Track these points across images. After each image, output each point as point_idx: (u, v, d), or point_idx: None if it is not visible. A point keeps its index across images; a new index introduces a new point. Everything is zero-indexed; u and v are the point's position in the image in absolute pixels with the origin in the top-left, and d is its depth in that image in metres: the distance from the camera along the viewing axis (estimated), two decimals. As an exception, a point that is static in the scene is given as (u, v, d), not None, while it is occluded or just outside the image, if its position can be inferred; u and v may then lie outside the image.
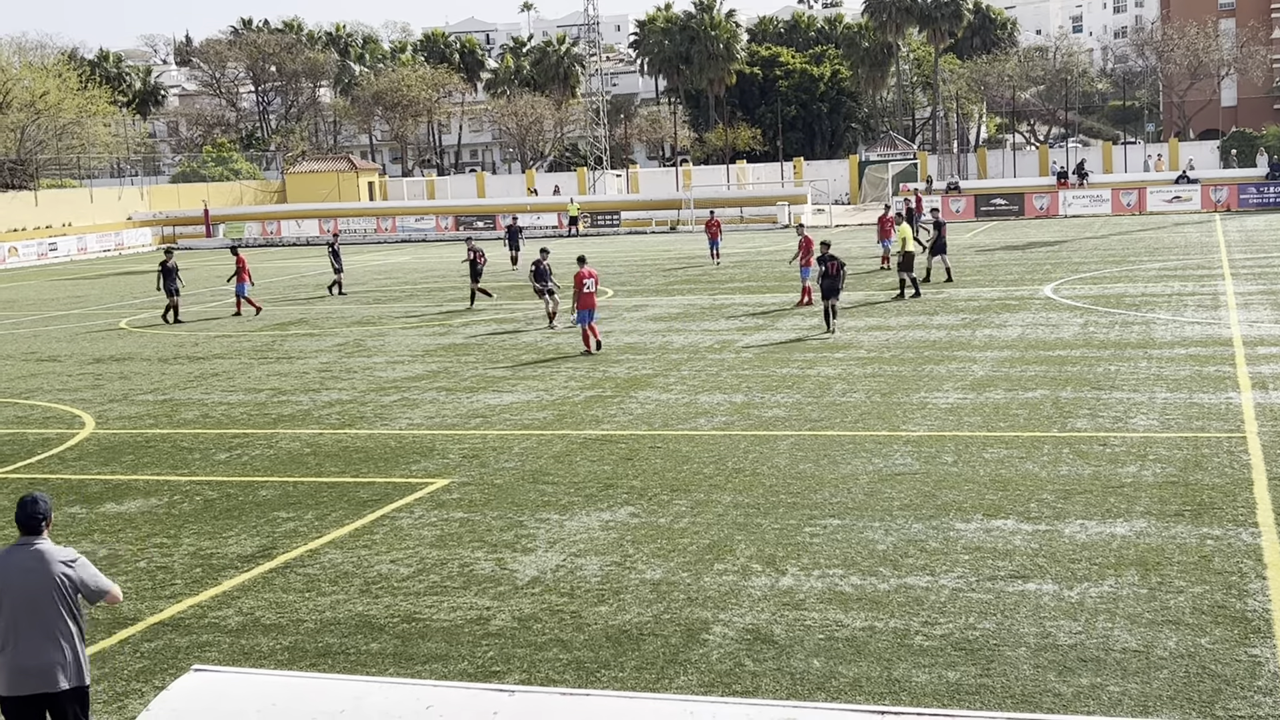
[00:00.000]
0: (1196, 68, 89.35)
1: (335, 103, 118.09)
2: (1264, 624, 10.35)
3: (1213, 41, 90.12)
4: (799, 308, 32.42)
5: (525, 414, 20.50)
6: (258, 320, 35.47)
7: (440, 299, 39.04)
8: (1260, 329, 25.44)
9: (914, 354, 24.44)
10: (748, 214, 71.30)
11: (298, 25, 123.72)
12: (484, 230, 75.49)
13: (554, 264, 32.23)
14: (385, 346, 29.17)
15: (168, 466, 18.06)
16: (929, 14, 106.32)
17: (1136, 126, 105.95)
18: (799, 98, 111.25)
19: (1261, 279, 33.91)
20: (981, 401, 19.69)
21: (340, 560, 13.29)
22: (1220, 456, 15.65)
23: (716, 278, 41.60)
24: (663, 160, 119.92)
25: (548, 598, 11.82)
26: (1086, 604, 10.97)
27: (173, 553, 13.87)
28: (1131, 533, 12.84)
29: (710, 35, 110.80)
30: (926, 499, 14.37)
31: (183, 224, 79.85)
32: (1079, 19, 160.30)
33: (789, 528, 13.58)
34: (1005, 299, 32.21)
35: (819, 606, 11.23)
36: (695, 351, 26.12)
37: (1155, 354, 23.08)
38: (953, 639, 10.37)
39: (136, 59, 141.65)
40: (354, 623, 11.46)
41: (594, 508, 14.75)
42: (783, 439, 17.80)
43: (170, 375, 26.40)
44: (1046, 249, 47.01)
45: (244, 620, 11.68)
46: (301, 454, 18.43)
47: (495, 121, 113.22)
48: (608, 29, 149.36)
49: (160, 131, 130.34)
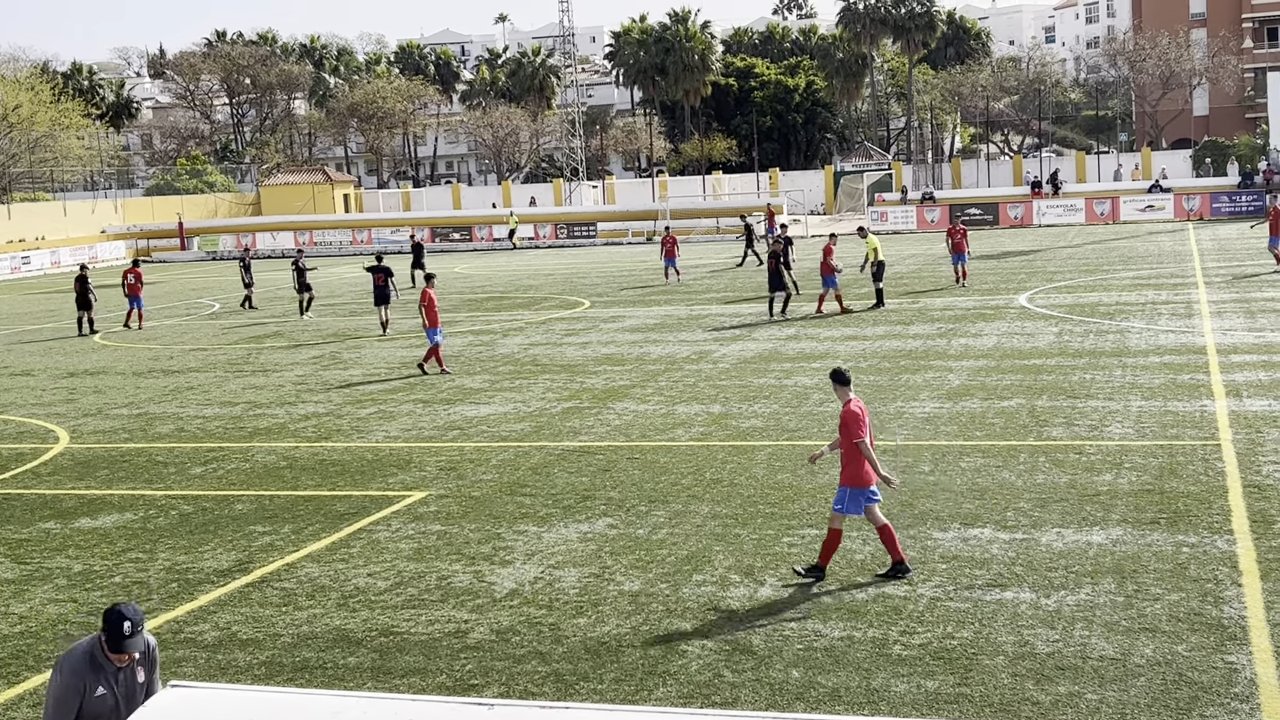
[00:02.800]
0: (1168, 77, 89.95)
1: (310, 115, 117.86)
2: (1240, 631, 10.40)
3: (1184, 51, 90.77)
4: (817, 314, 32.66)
5: (502, 426, 20.47)
6: (233, 334, 35.35)
7: (416, 310, 38.90)
8: (1234, 337, 25.60)
9: (890, 364, 24.51)
10: (724, 224, 71.43)
11: (272, 37, 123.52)
12: (459, 241, 75.48)
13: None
14: (361, 359, 29.10)
15: (142, 481, 17.96)
16: (903, 25, 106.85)
17: (1109, 136, 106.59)
18: (774, 108, 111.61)
19: (1234, 287, 34.14)
20: (958, 411, 19.75)
21: (317, 574, 13.24)
22: (1195, 464, 15.73)
23: (694, 289, 41.64)
24: (639, 171, 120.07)
25: (526, 610, 11.79)
26: (1064, 612, 11.00)
27: (148, 568, 13.79)
28: (1108, 541, 12.89)
29: (685, 46, 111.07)
30: (904, 508, 14.39)
31: (157, 237, 79.53)
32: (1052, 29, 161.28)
33: (767, 538, 13.59)
34: (981, 308, 32.34)
35: (797, 617, 11.24)
36: (672, 362, 26.14)
37: (1130, 362, 23.20)
38: (931, 648, 10.38)
39: (110, 72, 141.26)
40: (331, 637, 11.41)
41: (572, 519, 14.73)
42: (760, 449, 17.81)
43: (145, 389, 26.27)
44: (1021, 258, 47.22)
45: (220, 635, 11.61)
46: (278, 467, 18.36)
47: (471, 133, 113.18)
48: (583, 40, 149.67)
49: (134, 144, 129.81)
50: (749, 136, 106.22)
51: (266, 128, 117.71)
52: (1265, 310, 29.19)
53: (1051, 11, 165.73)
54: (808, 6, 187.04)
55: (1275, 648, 10.01)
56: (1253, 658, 9.86)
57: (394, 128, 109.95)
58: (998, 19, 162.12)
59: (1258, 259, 40.81)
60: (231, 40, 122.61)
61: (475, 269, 56.77)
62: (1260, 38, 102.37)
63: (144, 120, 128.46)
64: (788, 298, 33.17)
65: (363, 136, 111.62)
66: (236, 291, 43.24)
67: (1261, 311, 29.02)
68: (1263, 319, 27.83)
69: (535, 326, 33.57)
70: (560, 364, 26.71)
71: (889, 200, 74.68)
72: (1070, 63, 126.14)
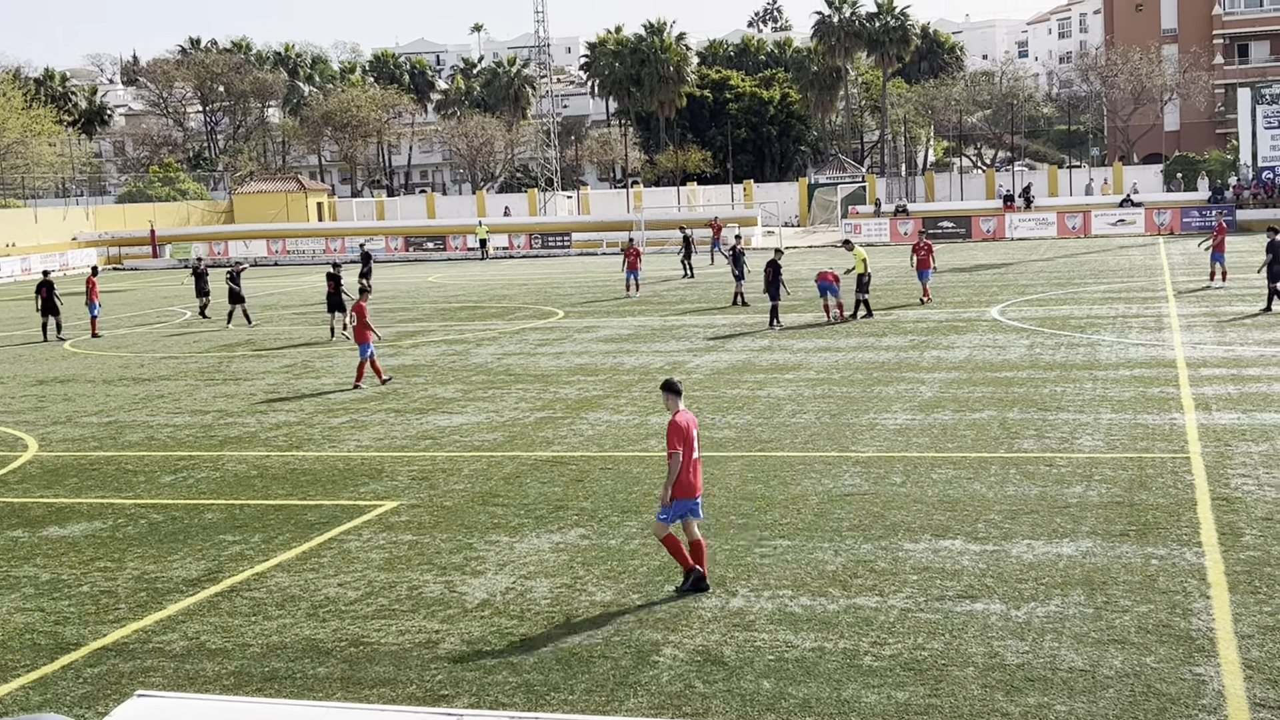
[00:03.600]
0: (1140, 93, 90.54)
1: (284, 123, 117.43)
2: (1208, 643, 10.46)
3: (1156, 67, 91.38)
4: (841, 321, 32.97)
5: (475, 435, 20.43)
6: (205, 341, 35.19)
7: (390, 319, 38.87)
8: (1203, 351, 25.78)
9: (863, 375, 24.57)
10: (698, 236, 71.40)
11: (246, 45, 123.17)
12: (433, 251, 75.35)
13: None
14: (334, 368, 28.99)
15: (112, 489, 17.85)
16: (877, 38, 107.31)
17: (1081, 150, 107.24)
18: (749, 120, 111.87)
19: (1204, 301, 34.37)
20: (930, 422, 19.81)
21: (287, 583, 13.17)
22: (1164, 477, 15.82)
23: (668, 300, 41.67)
24: (614, 182, 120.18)
25: (497, 620, 11.76)
26: (1033, 624, 11.05)
27: (117, 576, 13.70)
28: (1077, 552, 12.95)
29: (660, 58, 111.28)
30: (875, 519, 14.43)
31: (129, 244, 79.12)
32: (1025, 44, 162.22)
33: (739, 549, 13.60)
34: (953, 321, 32.47)
35: (769, 627, 11.25)
36: (646, 373, 26.14)
37: (1100, 375, 23.32)
38: (901, 659, 10.41)
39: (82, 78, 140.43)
40: (301, 646, 11.35)
41: (544, 529, 14.71)
42: (733, 460, 17.83)
43: (115, 397, 26.11)
44: (993, 271, 47.44)
45: (189, 645, 11.54)
46: (248, 476, 18.27)
47: (445, 142, 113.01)
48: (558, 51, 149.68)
49: (106, 151, 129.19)
50: (724, 148, 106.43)
51: (240, 135, 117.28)
52: (1234, 324, 29.40)
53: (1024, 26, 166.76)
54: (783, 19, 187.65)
55: (1243, 660, 10.07)
56: (1220, 669, 9.92)
57: (368, 136, 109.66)
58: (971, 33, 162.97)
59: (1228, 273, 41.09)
60: (206, 48, 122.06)
61: (449, 278, 56.67)
62: (1231, 54, 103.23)
63: (116, 127, 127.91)
64: (774, 309, 33.26)
65: (337, 145, 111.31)
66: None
67: (1230, 325, 29.23)
68: (1232, 333, 28.04)
69: (509, 336, 33.53)
70: (534, 374, 26.69)
71: (862, 213, 74.90)
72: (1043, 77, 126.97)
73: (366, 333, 25.62)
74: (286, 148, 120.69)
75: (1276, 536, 13.18)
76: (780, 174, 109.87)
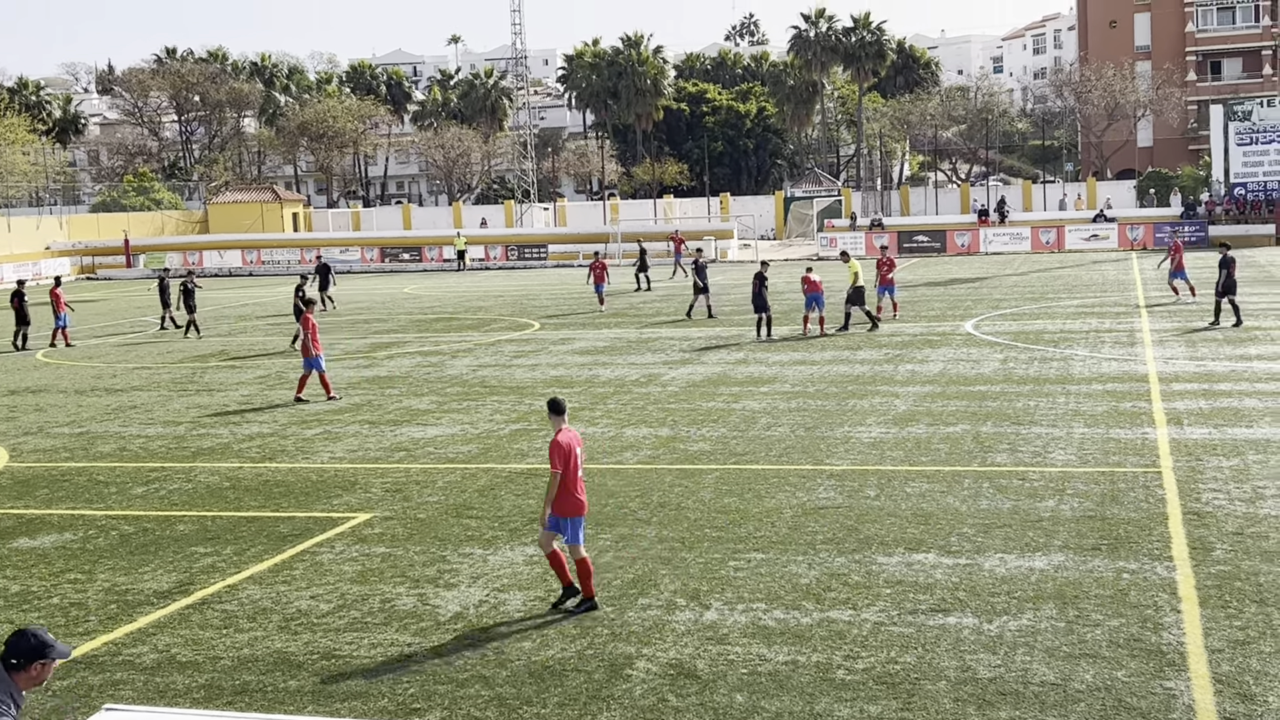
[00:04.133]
0: (1113, 109, 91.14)
1: (260, 133, 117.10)
2: (1178, 657, 10.50)
3: (1129, 83, 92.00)
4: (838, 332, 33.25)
5: (449, 447, 20.38)
6: (178, 352, 35.03)
7: (365, 330, 38.78)
8: (1175, 366, 25.93)
9: (838, 388, 24.63)
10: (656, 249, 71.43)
11: (222, 55, 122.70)
12: (409, 262, 75.21)
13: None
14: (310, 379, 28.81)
15: (83, 501, 17.74)
16: (853, 53, 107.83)
17: (1055, 166, 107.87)
18: (726, 134, 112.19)
19: (1176, 317, 34.59)
20: (904, 436, 19.86)
21: (259, 596, 13.11)
22: (1136, 491, 15.90)
23: (644, 312, 41.68)
24: (590, 194, 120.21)
25: (470, 633, 11.73)
26: (1006, 637, 11.08)
27: (87, 589, 13.60)
28: (1050, 566, 12.99)
29: (638, 71, 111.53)
30: (849, 533, 14.46)
31: (102, 254, 78.76)
32: (999, 60, 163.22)
33: (713, 562, 13.60)
34: (927, 335, 32.58)
35: (742, 641, 11.24)
36: (621, 385, 26.14)
37: (1073, 390, 23.44)
38: (874, 673, 10.42)
39: (57, 87, 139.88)
40: (272, 660, 11.29)
41: (518, 542, 14.68)
42: (708, 473, 17.84)
43: (87, 407, 25.96)
44: (967, 286, 47.65)
45: (159, 658, 11.47)
46: (220, 488, 18.18)
47: (422, 154, 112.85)
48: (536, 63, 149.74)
49: (80, 160, 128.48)
50: (700, 161, 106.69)
51: (215, 145, 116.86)
52: (1206, 339, 29.59)
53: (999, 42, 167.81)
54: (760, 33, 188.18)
55: (1213, 674, 10.12)
56: (1191, 684, 9.96)
57: (344, 147, 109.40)
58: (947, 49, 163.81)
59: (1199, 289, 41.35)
60: (181, 57, 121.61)
61: (425, 290, 56.59)
62: (1203, 71, 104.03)
63: (91, 136, 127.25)
64: (769, 320, 33.30)
65: (313, 155, 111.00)
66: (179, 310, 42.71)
67: (1202, 341, 29.42)
68: (1204, 348, 28.21)
69: (484, 348, 33.48)
70: (509, 386, 26.65)
71: (838, 226, 75.17)
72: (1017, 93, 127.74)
73: (315, 346, 25.49)
74: (262, 158, 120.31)
75: (1247, 551, 13.26)
76: (757, 187, 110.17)
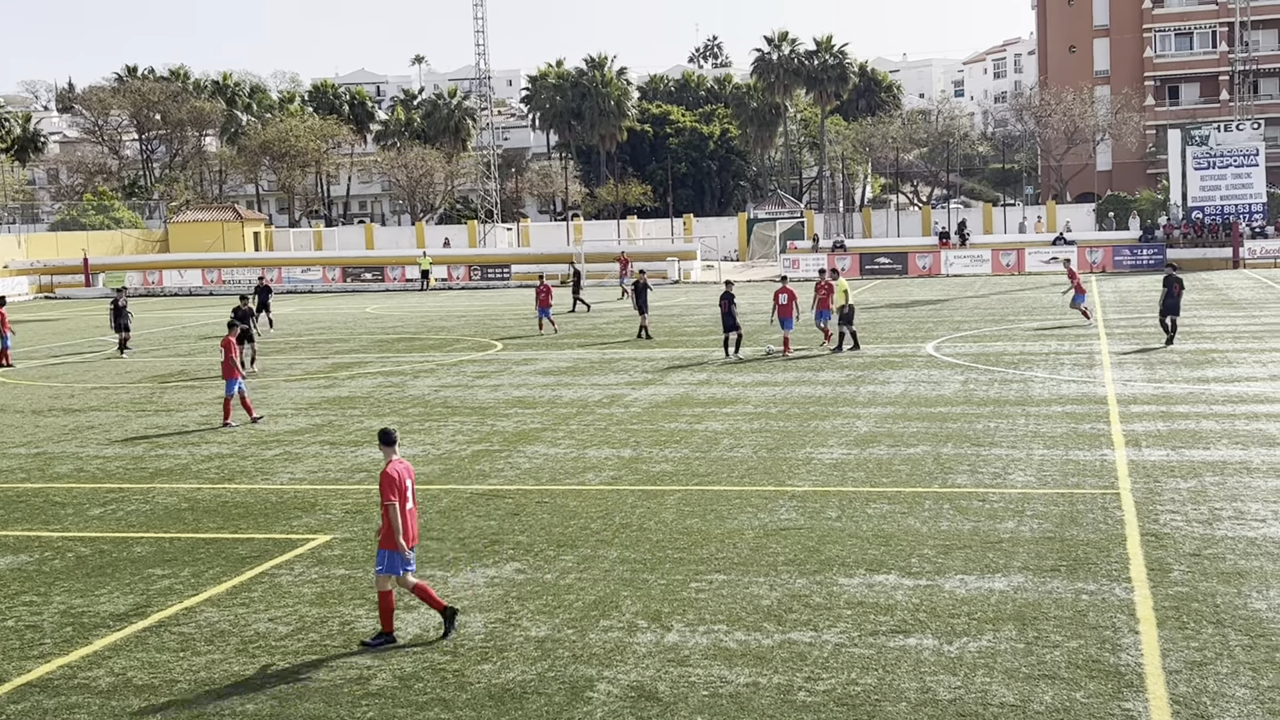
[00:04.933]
0: (1073, 133, 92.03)
1: (221, 152, 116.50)
2: (1136, 678, 10.56)
3: (1088, 107, 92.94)
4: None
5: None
6: (136, 372, 34.75)
7: (326, 350, 38.60)
8: (1133, 387, 26.14)
9: (800, 409, 24.69)
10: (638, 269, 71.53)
11: (184, 73, 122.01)
12: (371, 282, 74.98)
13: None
14: (268, 399, 28.70)
15: (39, 522, 17.55)
16: (816, 76, 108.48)
17: (1016, 189, 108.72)
18: (689, 155, 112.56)
19: (1135, 338, 34.89)
20: (865, 457, 19.93)
21: (217, 619, 12.99)
22: (1095, 512, 16.00)
23: (607, 333, 41.67)
24: (554, 214, 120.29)
25: (430, 656, 11.66)
26: (965, 659, 11.11)
27: (42, 611, 13.45)
28: (1009, 588, 13.05)
29: (601, 92, 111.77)
30: (811, 554, 14.48)
31: (61, 273, 78.14)
32: (960, 84, 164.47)
33: (675, 583, 13.58)
34: (889, 356, 32.73)
35: (704, 663, 11.23)
36: (584, 406, 26.12)
37: (1033, 411, 23.58)
38: (835, 694, 10.42)
39: (16, 105, 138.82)
40: (230, 683, 11.19)
41: (479, 563, 14.62)
42: (670, 494, 17.83)
43: (44, 428, 25.70)
44: (929, 307, 47.91)
45: (115, 681, 11.34)
46: (179, 509, 18.03)
47: (385, 173, 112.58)
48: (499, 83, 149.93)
49: (40, 179, 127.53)
50: (664, 182, 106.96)
51: (176, 164, 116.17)
52: (1164, 362, 29.85)
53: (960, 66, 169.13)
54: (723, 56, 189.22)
55: (1170, 695, 10.18)
56: (1149, 704, 10.01)
57: (306, 166, 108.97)
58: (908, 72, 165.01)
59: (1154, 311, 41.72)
60: (143, 76, 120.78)
61: (387, 310, 56.41)
62: (1161, 96, 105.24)
63: (50, 154, 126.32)
64: (740, 339, 33.38)
65: (275, 175, 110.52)
66: (142, 328, 42.44)
67: (1160, 363, 29.67)
68: (1161, 370, 28.46)
69: (446, 368, 33.39)
70: (471, 406, 26.58)
71: (801, 248, 75.51)
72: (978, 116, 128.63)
73: (233, 370, 25.35)
74: (223, 177, 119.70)
75: (1204, 572, 13.36)
76: (720, 208, 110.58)
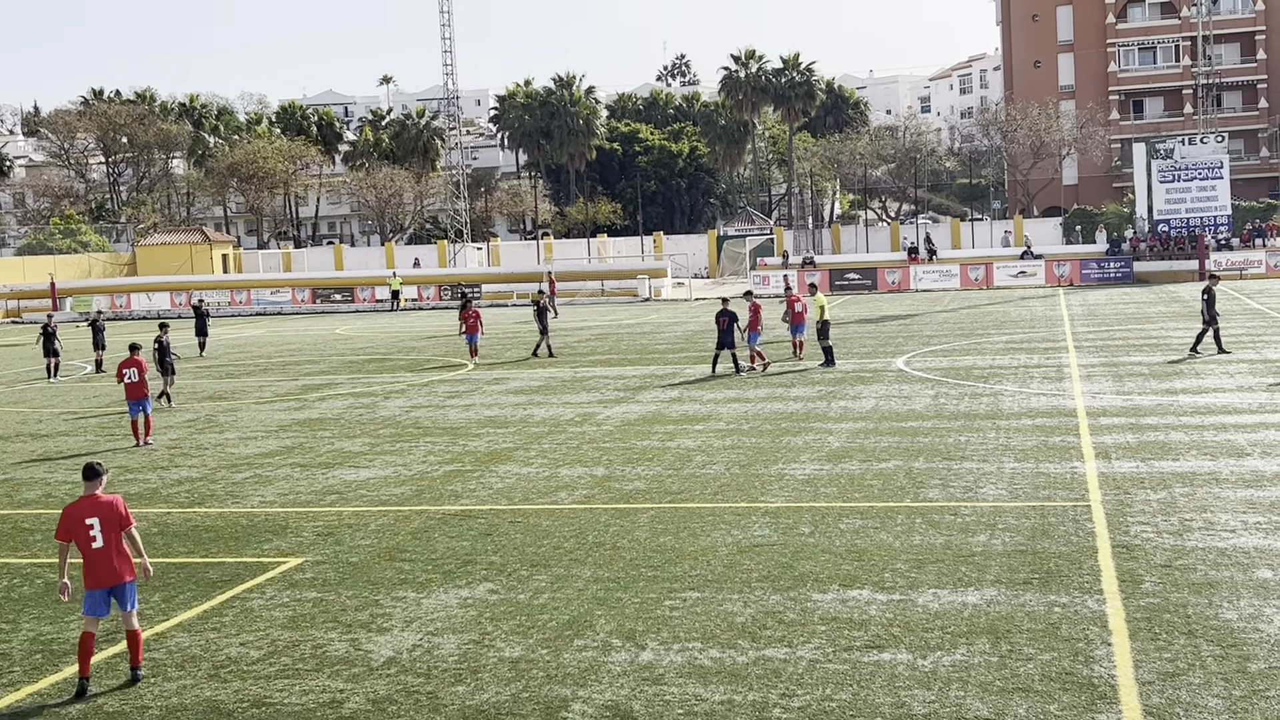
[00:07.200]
0: (1039, 147, 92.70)
1: (188, 174, 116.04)
2: (1110, 690, 10.59)
3: (1054, 122, 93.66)
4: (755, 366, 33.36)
5: (382, 490, 20.21)
6: (105, 396, 34.51)
7: (296, 372, 38.43)
8: (1102, 400, 26.29)
9: (772, 425, 24.72)
10: (609, 287, 71.81)
11: (150, 96, 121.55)
12: (340, 303, 74.74)
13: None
14: (238, 422, 28.56)
15: (7, 548, 17.38)
16: (783, 93, 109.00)
17: (983, 203, 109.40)
18: (658, 173, 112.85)
19: (1103, 351, 35.10)
20: (837, 472, 19.96)
21: (188, 644, 12.89)
22: (1066, 525, 16.06)
23: (579, 351, 41.65)
24: (524, 234, 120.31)
25: (403, 678, 11.60)
26: (940, 673, 11.12)
27: (11, 638, 13.32)
28: (982, 601, 13.08)
29: (570, 111, 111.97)
30: (784, 570, 14.48)
31: (28, 298, 77.62)
32: (927, 99, 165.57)
33: (649, 601, 13.56)
34: (860, 371, 32.82)
35: (679, 681, 11.20)
36: (556, 424, 26.08)
37: (1003, 425, 23.68)
38: (810, 710, 10.42)
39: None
40: (201, 709, 11.10)
41: (452, 585, 14.56)
42: (643, 512, 17.81)
43: (11, 453, 25.49)
44: (898, 322, 48.09)
45: (85, 708, 11.24)
46: (148, 534, 17.88)
47: (354, 194, 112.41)
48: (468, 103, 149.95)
49: (5, 203, 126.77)
50: (633, 200, 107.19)
51: (143, 187, 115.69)
52: (1132, 374, 30.04)
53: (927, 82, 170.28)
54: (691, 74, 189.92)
55: (1143, 706, 10.22)
56: (1122, 716, 10.05)
57: (275, 188, 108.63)
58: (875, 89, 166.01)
59: (1125, 324, 42.04)
60: (109, 99, 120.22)
61: (357, 330, 56.25)
62: (1126, 110, 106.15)
63: (16, 178, 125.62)
64: (734, 356, 33.35)
65: (243, 196, 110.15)
66: (108, 352, 42.13)
67: (1129, 375, 29.86)
68: (1130, 382, 28.63)
69: (417, 389, 33.29)
70: (442, 426, 26.51)
71: (770, 264, 75.76)
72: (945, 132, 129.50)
73: (142, 389, 25.33)
74: (191, 199, 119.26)
75: (1175, 583, 13.43)
76: (690, 226, 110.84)
